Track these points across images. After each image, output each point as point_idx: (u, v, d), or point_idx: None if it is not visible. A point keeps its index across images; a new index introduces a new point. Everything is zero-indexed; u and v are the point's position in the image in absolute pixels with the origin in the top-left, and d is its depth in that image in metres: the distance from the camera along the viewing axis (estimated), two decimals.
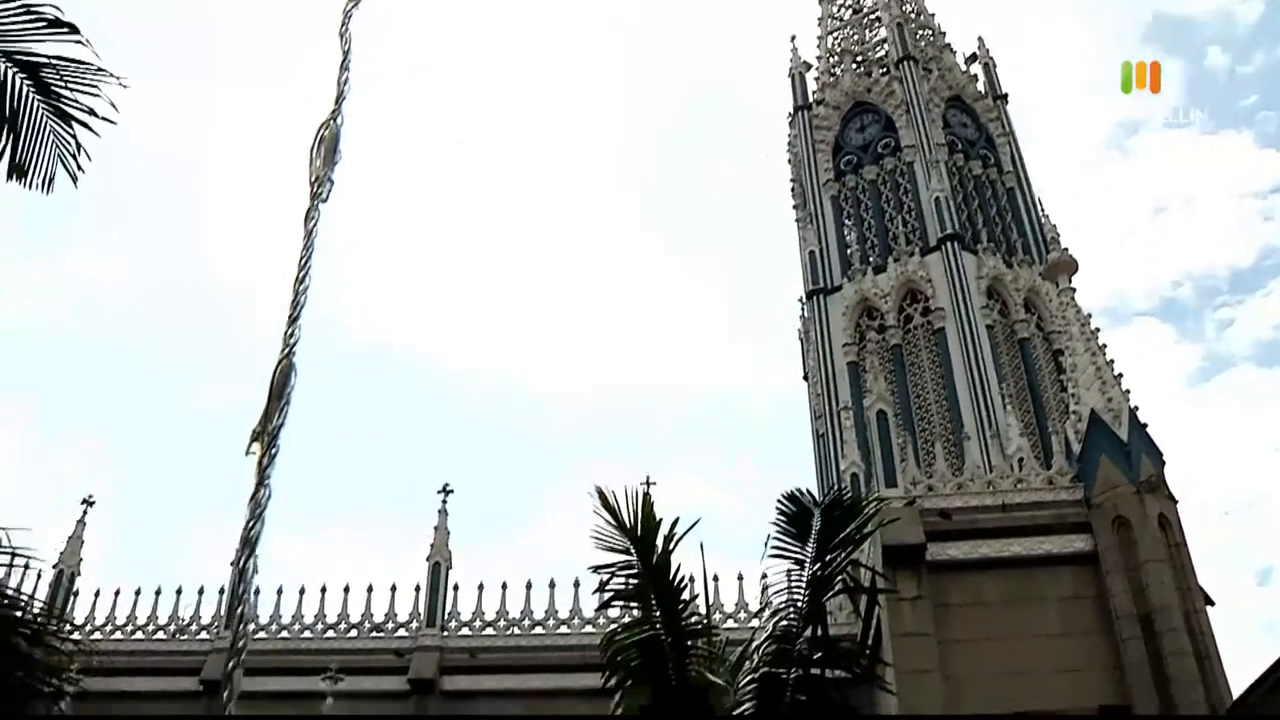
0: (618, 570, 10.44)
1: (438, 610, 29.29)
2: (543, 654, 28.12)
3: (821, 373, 38.25)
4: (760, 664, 10.57)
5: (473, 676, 28.29)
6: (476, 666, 28.29)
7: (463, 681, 28.31)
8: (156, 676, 30.14)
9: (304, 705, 27.99)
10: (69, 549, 31.96)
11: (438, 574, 29.75)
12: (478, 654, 28.36)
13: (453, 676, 28.35)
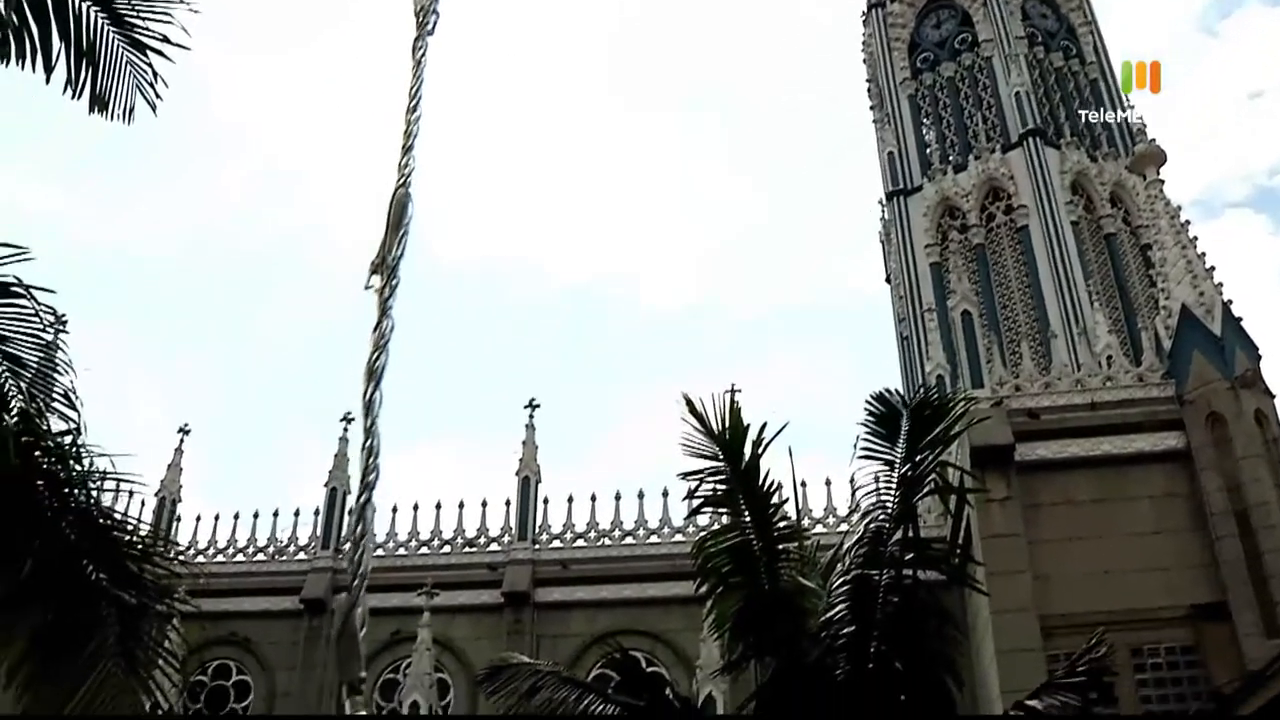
0: (706, 476, 10.45)
1: (529, 524, 29.68)
2: (633, 564, 28.41)
3: (904, 275, 37.88)
4: (852, 567, 10.58)
5: (565, 588, 28.69)
6: (569, 578, 28.68)
7: (556, 593, 28.73)
8: (258, 596, 30.95)
9: (401, 620, 28.59)
10: (169, 476, 32.80)
11: (528, 488, 30.12)
12: (570, 565, 28.74)
13: (546, 588, 28.77)
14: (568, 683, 11.57)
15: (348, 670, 2.20)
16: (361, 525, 2.18)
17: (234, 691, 31.08)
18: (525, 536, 29.44)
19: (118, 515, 8.17)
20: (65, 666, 7.71)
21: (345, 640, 2.09)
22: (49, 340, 9.57)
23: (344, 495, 31.86)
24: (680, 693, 10.98)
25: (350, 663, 2.19)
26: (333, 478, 32.19)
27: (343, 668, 2.23)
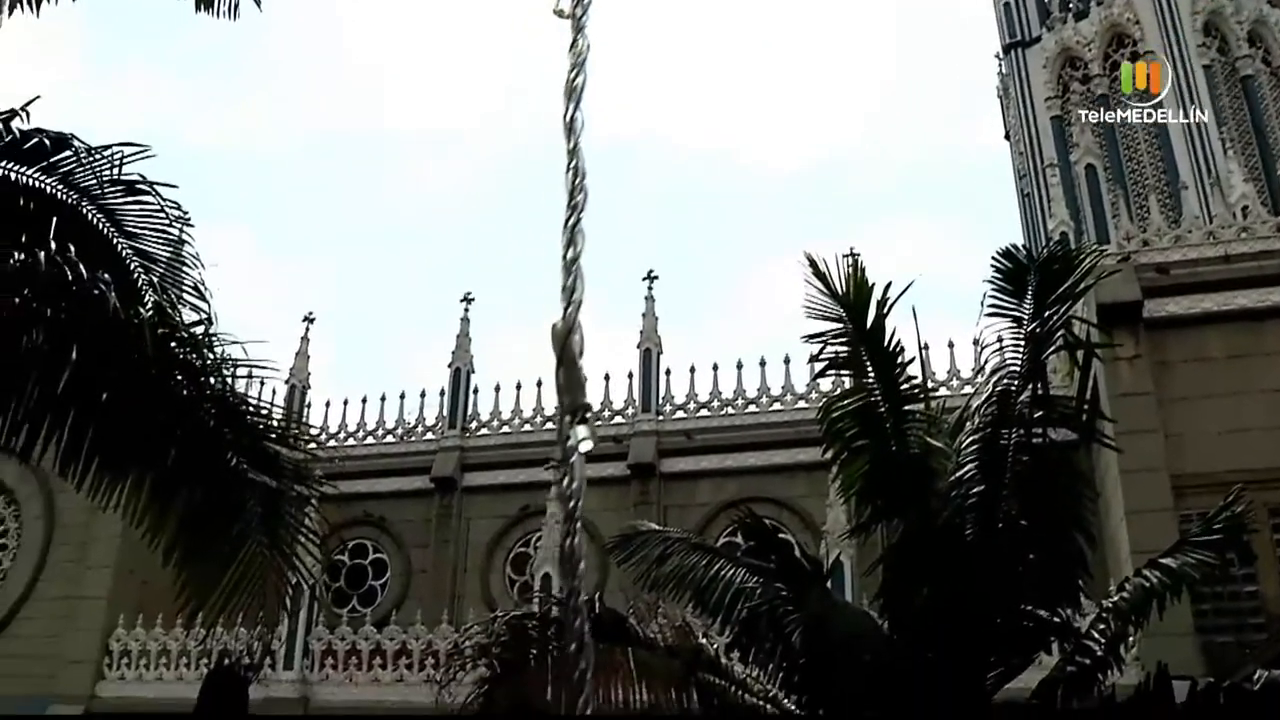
0: (830, 339, 10.35)
1: (652, 396, 29.89)
2: (757, 431, 28.51)
3: (1024, 130, 36.88)
4: (980, 426, 10.46)
5: (690, 458, 28.94)
6: (693, 448, 28.91)
7: (681, 463, 29.00)
8: (391, 477, 31.76)
9: (529, 495, 29.17)
10: (297, 364, 33.59)
11: (649, 360, 30.26)
12: (694, 436, 28.94)
13: (671, 459, 29.05)
14: (697, 549, 11.69)
15: (572, 398, 2.22)
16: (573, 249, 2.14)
17: (371, 569, 32.11)
18: (649, 408, 29.67)
19: (253, 401, 8.38)
20: (215, 545, 8.01)
21: (565, 368, 2.09)
22: (175, 235, 9.78)
23: (468, 374, 32.37)
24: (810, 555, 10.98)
25: (573, 391, 2.20)
26: (456, 358, 32.68)
27: (566, 396, 2.23)
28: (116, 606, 29.09)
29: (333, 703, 25.71)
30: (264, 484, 8.31)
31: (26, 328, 7.94)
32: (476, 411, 32.11)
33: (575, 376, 1.86)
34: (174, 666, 28.02)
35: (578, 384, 1.85)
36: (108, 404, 7.93)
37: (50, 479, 30.40)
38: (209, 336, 8.16)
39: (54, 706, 28.44)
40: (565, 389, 1.81)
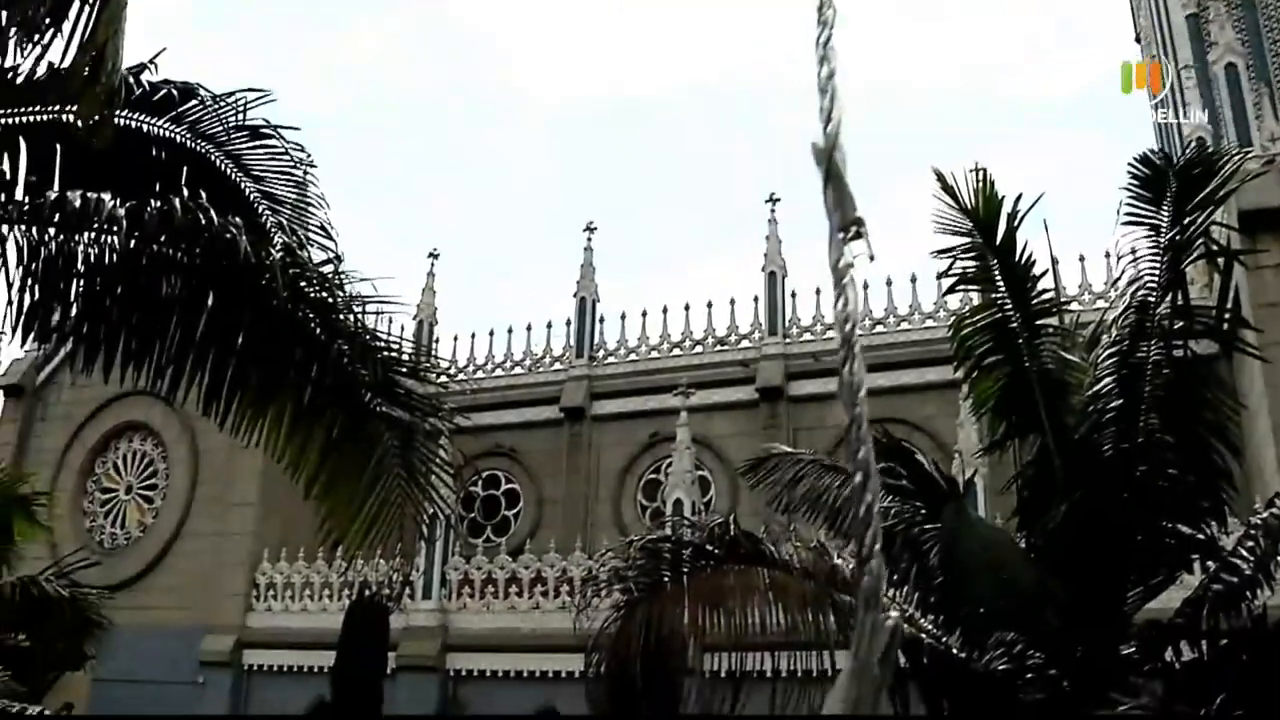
0: (959, 254, 10.15)
1: (778, 319, 29.74)
2: (885, 352, 28.17)
3: (1156, 31, 35.55)
4: (1117, 339, 10.16)
5: (818, 380, 28.70)
6: (821, 370, 28.66)
7: (809, 386, 28.83)
8: (521, 408, 32.15)
9: (658, 422, 29.31)
10: (424, 299, 34.10)
11: (774, 283, 30.09)
12: (821, 358, 28.71)
13: (799, 382, 28.93)
14: (830, 470, 11.64)
15: (843, 214, 2.17)
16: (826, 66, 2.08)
17: (504, 500, 32.62)
18: (775, 331, 29.57)
19: (384, 336, 8.50)
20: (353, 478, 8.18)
21: (833, 183, 2.04)
22: (299, 177, 9.95)
23: (593, 304, 32.54)
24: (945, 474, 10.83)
25: (844, 205, 2.15)
26: (580, 287, 32.85)
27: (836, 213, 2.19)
28: (261, 541, 30.03)
29: (470, 630, 26.27)
30: (398, 417, 8.46)
31: (165, 273, 8.16)
32: (603, 340, 32.31)
33: (844, 191, 1.82)
34: (317, 598, 28.85)
35: (847, 198, 1.80)
36: (245, 344, 8.12)
37: (193, 421, 31.39)
38: (338, 274, 8.29)
39: (208, 637, 29.54)
40: (835, 205, 1.77)
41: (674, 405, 27.00)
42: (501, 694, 25.52)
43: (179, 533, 31.87)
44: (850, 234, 1.70)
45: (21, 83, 8.78)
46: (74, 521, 33.26)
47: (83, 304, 8.55)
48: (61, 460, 34.66)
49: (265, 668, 29.08)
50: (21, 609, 15.70)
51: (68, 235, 8.32)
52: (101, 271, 8.38)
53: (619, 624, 8.76)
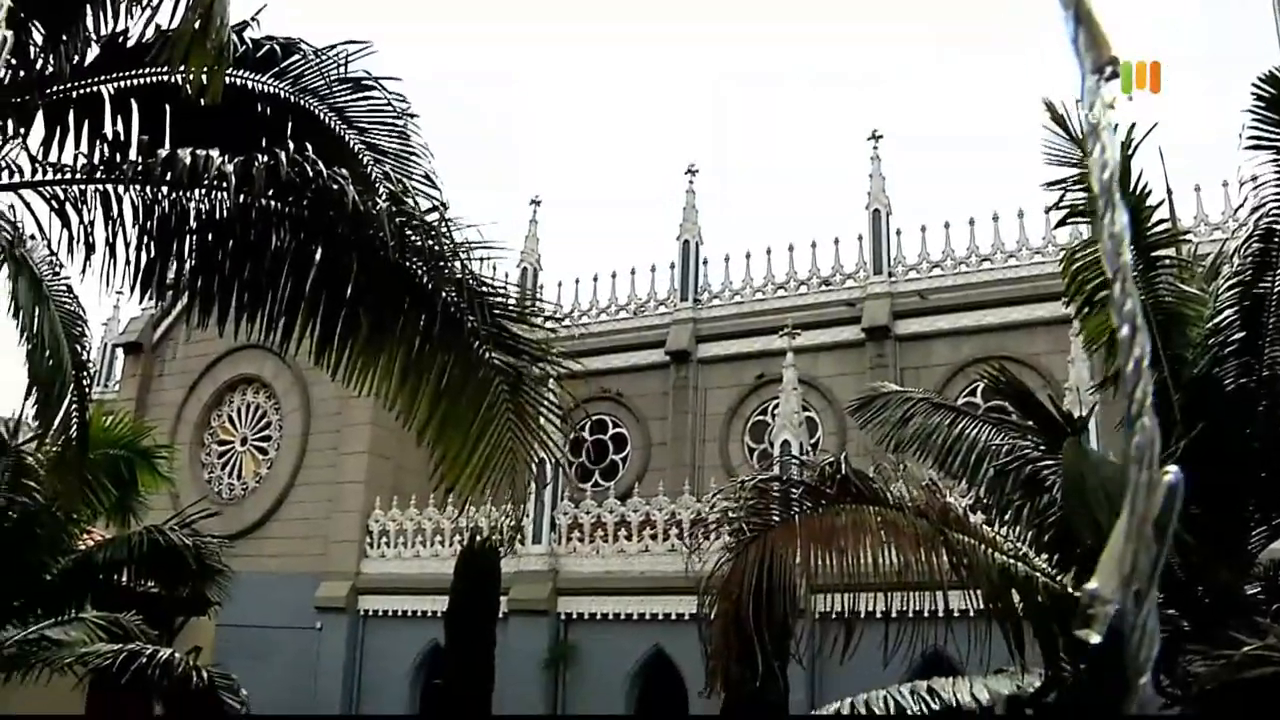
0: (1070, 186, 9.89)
1: (883, 257, 29.42)
2: (993, 289, 27.81)
3: None
4: (1238, 270, 9.85)
5: (925, 319, 28.46)
6: (927, 309, 28.41)
7: (915, 325, 28.57)
8: (626, 352, 32.24)
9: (764, 364, 29.25)
10: (527, 246, 34.26)
11: (878, 221, 29.73)
12: (928, 296, 28.42)
13: (905, 321, 28.65)
14: (940, 408, 11.48)
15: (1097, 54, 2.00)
16: None
17: (612, 444, 32.82)
18: (881, 270, 29.26)
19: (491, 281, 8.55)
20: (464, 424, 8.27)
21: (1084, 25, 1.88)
22: (402, 128, 10.02)
23: (696, 246, 32.45)
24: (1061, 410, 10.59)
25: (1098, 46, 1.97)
26: (683, 230, 32.77)
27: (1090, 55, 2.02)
28: (373, 489, 30.58)
29: (580, 574, 26.55)
30: (506, 363, 8.52)
31: (275, 227, 8.29)
32: (707, 283, 32.25)
33: (1095, 29, 1.73)
34: (429, 544, 29.33)
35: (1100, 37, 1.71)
36: (354, 294, 8.22)
37: (304, 372, 32.01)
38: (444, 222, 8.34)
39: (324, 583, 30.22)
40: (1088, 47, 1.69)
41: (780, 346, 26.89)
42: (612, 637, 25.80)
43: (293, 482, 32.59)
44: (1106, 74, 1.61)
45: (132, 46, 8.94)
46: (193, 473, 34.17)
47: (196, 259, 8.72)
48: (179, 414, 35.59)
49: (380, 613, 29.71)
50: (149, 557, 16.16)
51: (180, 193, 8.47)
52: (213, 227, 8.54)
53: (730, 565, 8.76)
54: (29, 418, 15.40)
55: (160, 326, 37.31)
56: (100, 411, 15.27)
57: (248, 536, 30.71)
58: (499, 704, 24.20)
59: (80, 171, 9.02)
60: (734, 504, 9.52)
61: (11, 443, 15.75)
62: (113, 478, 15.64)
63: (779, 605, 8.48)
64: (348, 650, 29.70)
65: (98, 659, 15.22)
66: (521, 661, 25.76)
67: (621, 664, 25.59)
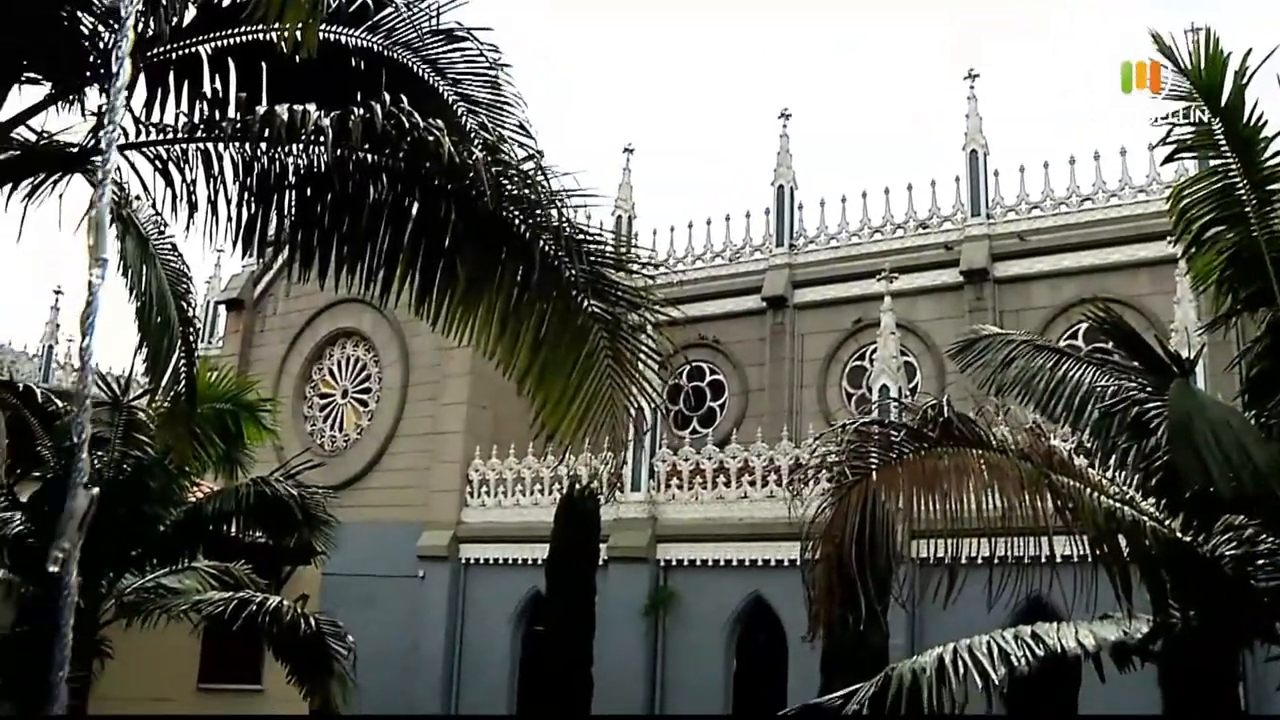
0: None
1: (981, 199, 28.92)
2: (1094, 229, 27.26)
3: None
4: None
5: (1024, 261, 28.01)
6: (1027, 250, 27.93)
7: (1014, 267, 28.12)
8: (722, 299, 32.17)
9: (861, 308, 29.05)
10: (621, 194, 34.16)
11: (976, 162, 29.20)
12: (1027, 237, 27.93)
13: (1004, 263, 28.21)
14: (1042, 350, 11.27)
15: None
16: None
17: (709, 391, 32.82)
18: (979, 212, 28.79)
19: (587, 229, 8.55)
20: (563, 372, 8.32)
21: None
22: (495, 78, 10.04)
23: (791, 191, 32.19)
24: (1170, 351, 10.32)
25: None
26: (778, 175, 32.50)
27: None
28: (473, 439, 30.93)
29: (679, 520, 26.66)
30: (604, 311, 8.53)
31: (372, 179, 8.35)
32: (803, 228, 31.99)
33: None
34: (529, 493, 29.62)
35: None
36: (452, 244, 8.27)
37: (403, 324, 32.39)
38: (539, 170, 8.35)
39: (426, 532, 30.69)
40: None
41: (877, 291, 26.63)
42: (711, 583, 25.91)
43: (394, 433, 33.07)
44: None
45: (227, 5, 9.05)
46: (296, 426, 34.81)
47: (295, 214, 8.83)
48: (281, 368, 36.24)
49: (481, 561, 30.11)
50: (256, 508, 16.52)
51: (278, 148, 8.57)
52: (311, 181, 8.63)
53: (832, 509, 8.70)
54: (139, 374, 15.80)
55: (260, 283, 37.96)
56: (206, 367, 15.55)
57: (350, 487, 31.25)
58: (599, 651, 24.45)
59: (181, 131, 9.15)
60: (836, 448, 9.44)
61: (123, 399, 16.15)
62: (219, 431, 15.97)
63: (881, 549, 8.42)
64: (450, 598, 30.17)
65: (210, 606, 15.63)
66: (621, 608, 25.98)
67: (721, 610, 25.70)
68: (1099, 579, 8.90)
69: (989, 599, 8.27)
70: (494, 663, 29.13)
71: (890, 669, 8.35)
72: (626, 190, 34.37)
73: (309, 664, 15.97)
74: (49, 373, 42.15)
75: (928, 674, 8.11)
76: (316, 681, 15.99)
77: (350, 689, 16.20)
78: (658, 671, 26.25)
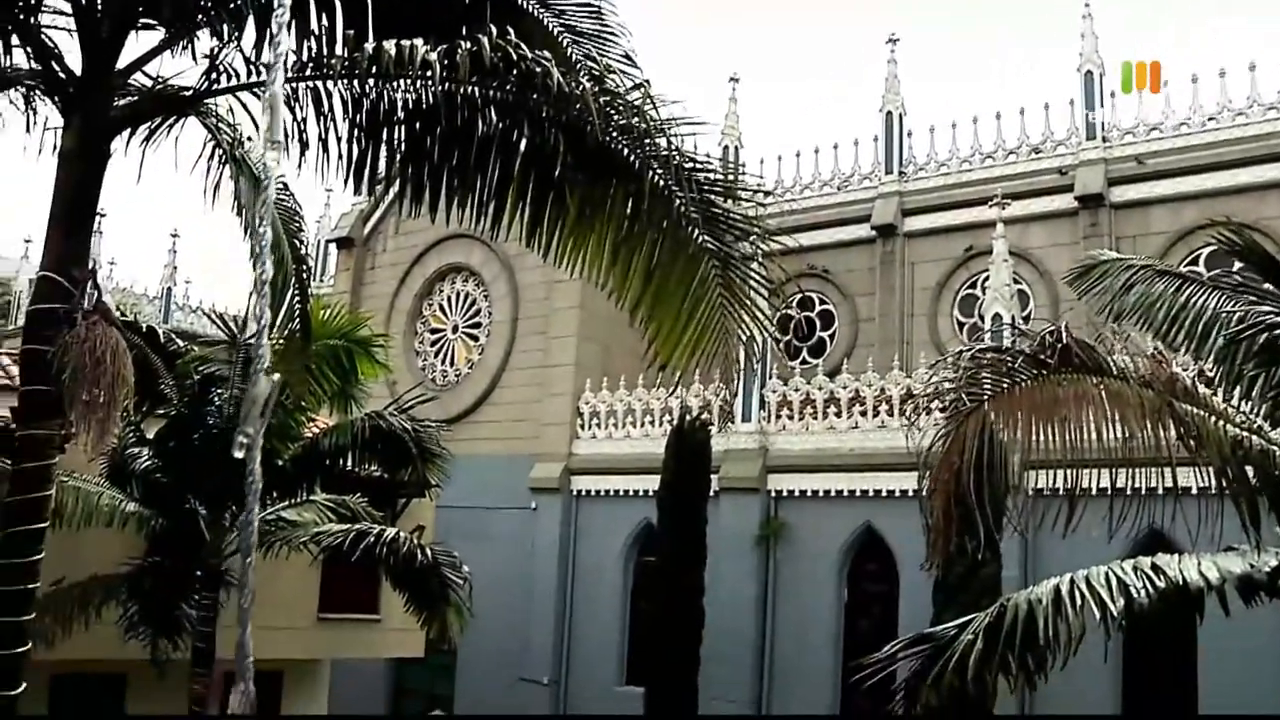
0: None
1: (1097, 122, 28.08)
2: (1218, 150, 26.37)
3: None
4: None
5: (1142, 185, 27.20)
6: (1145, 174, 27.12)
7: (1131, 191, 27.33)
8: (831, 228, 31.80)
9: (972, 236, 28.56)
10: (726, 124, 33.87)
11: (1091, 84, 28.32)
12: (1145, 160, 27.10)
13: (1121, 187, 27.42)
14: (1163, 275, 10.97)
15: None
16: None
17: (819, 321, 32.58)
18: (1095, 136, 27.94)
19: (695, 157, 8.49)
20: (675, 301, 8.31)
21: None
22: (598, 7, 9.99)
23: (900, 118, 31.62)
24: None
25: None
26: (886, 101, 31.92)
27: None
28: (582, 371, 31.08)
29: (790, 451, 26.58)
30: (715, 240, 8.50)
31: (480, 112, 8.37)
32: (912, 155, 31.43)
33: None
34: (639, 424, 29.73)
35: None
36: (561, 175, 8.27)
37: (511, 259, 32.58)
38: (647, 100, 8.29)
39: (538, 465, 31.00)
40: None
41: (989, 218, 26.11)
42: (822, 514, 25.86)
43: (505, 367, 33.35)
44: None
45: None
46: (408, 361, 35.28)
47: (405, 149, 8.89)
48: (391, 305, 36.69)
49: (592, 493, 30.35)
50: (371, 442, 16.80)
51: (386, 84, 8.63)
52: (420, 116, 8.67)
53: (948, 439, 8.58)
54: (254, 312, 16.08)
55: (370, 221, 38.37)
56: (319, 305, 15.77)
57: (462, 421, 31.64)
58: (711, 581, 24.58)
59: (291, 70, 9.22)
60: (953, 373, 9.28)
61: (240, 337, 16.47)
62: (333, 367, 16.23)
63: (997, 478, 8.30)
64: (561, 529, 30.49)
65: (329, 538, 15.97)
66: (732, 539, 26.06)
67: (831, 541, 25.65)
68: (1224, 510, 8.70)
69: (1109, 531, 8.12)
70: (605, 593, 29.44)
71: (1005, 599, 8.25)
72: (732, 119, 34.02)
73: (426, 593, 16.25)
74: (169, 314, 43.16)
75: (1044, 604, 7.99)
76: (433, 610, 16.28)
77: (466, 618, 16.47)
78: (768, 602, 26.32)
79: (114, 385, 8.58)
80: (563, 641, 30.11)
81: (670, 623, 24.07)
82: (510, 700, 29.59)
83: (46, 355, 8.53)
